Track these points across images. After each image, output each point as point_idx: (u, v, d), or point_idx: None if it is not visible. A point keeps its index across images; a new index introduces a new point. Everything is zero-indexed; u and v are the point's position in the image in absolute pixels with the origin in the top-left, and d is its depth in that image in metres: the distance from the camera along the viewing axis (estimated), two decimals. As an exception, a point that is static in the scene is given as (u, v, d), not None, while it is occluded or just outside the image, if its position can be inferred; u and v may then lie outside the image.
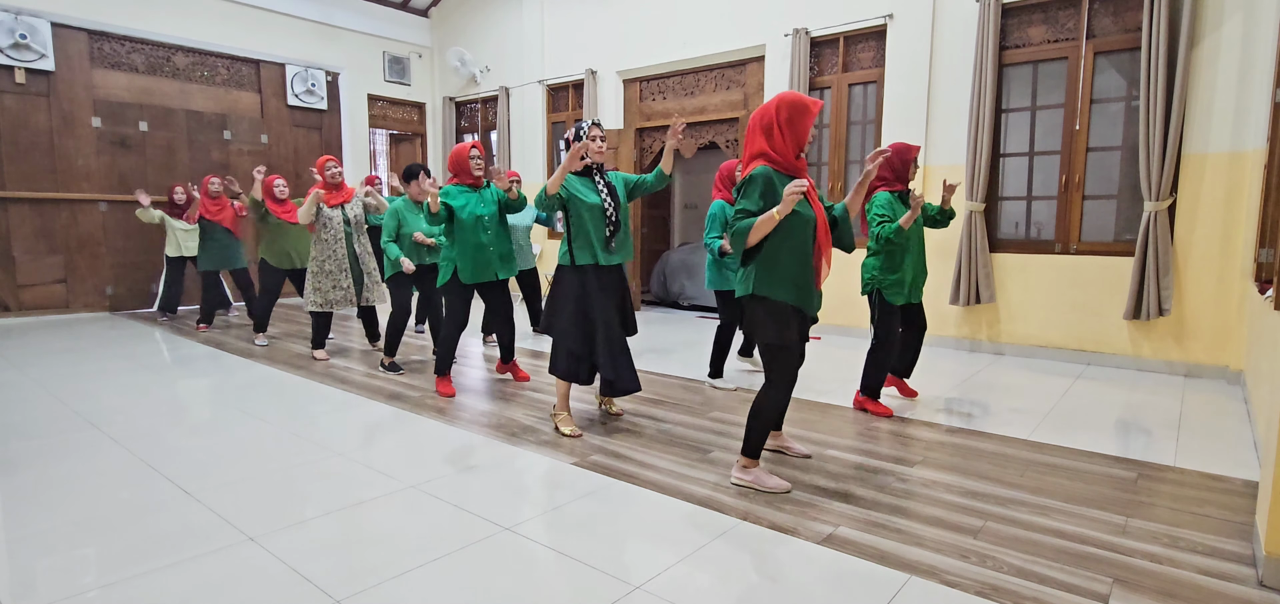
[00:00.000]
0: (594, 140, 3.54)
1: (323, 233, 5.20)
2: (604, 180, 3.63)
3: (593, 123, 3.59)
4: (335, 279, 5.24)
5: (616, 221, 3.56)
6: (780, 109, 2.70)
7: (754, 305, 2.77)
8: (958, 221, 5.72)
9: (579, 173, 3.59)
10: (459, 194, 4.19)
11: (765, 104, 2.77)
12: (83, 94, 7.53)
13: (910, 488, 2.90)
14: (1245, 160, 4.69)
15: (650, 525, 2.57)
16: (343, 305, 5.29)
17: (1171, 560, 2.29)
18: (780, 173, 2.72)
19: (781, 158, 2.72)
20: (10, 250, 7.21)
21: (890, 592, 2.10)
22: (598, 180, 3.60)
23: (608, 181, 3.64)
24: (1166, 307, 4.94)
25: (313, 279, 5.24)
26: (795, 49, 6.53)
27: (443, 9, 10.14)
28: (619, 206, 3.60)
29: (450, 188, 4.22)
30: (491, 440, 3.52)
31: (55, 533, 2.48)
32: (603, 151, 3.59)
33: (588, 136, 3.52)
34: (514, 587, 2.14)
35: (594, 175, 3.60)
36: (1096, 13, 5.27)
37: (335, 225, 5.21)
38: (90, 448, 3.38)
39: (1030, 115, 5.66)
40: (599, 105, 8.38)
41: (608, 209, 3.54)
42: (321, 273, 5.22)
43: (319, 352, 5.50)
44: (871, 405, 4.00)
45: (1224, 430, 3.74)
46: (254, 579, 2.17)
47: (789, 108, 2.70)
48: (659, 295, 8.98)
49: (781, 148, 2.71)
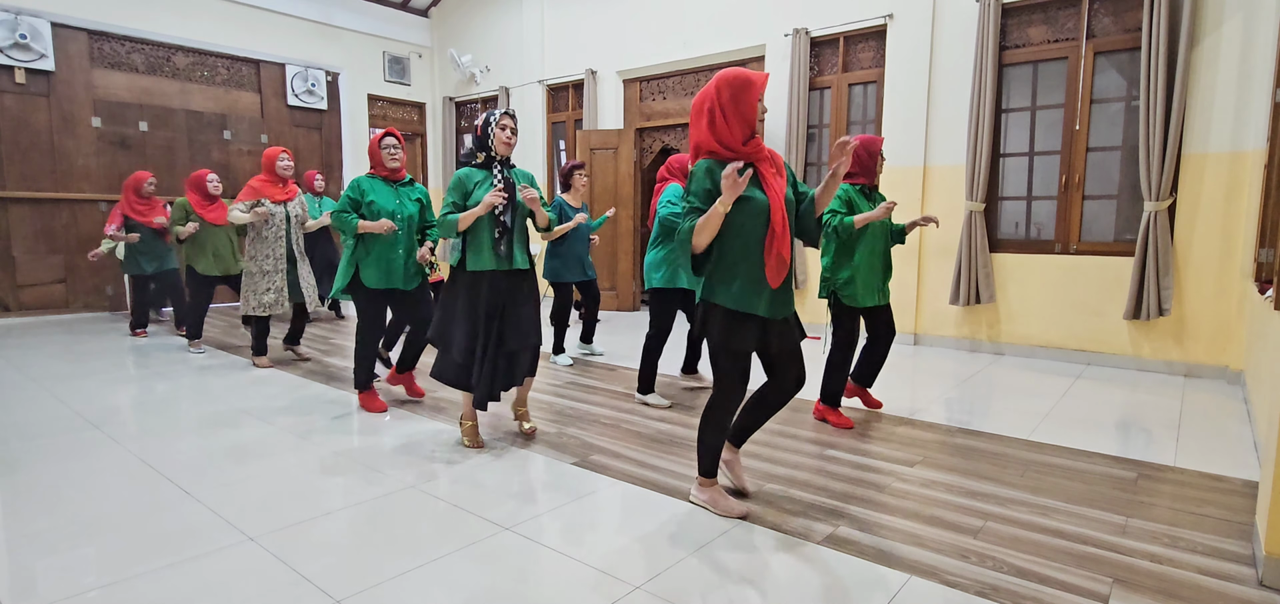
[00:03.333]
0: (504, 131, 3.22)
1: (263, 231, 4.87)
2: (504, 176, 3.24)
3: (506, 112, 3.26)
4: (271, 279, 4.90)
5: (505, 225, 3.21)
6: (721, 90, 2.38)
7: (704, 310, 2.51)
8: (958, 221, 5.72)
9: (480, 165, 3.27)
10: (373, 188, 3.83)
11: (704, 87, 2.47)
12: (83, 94, 7.53)
13: (910, 488, 2.90)
14: (1245, 160, 4.69)
15: (650, 525, 2.57)
16: (278, 308, 4.95)
17: (1171, 560, 2.29)
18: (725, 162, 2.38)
19: (727, 146, 2.40)
20: (10, 250, 7.20)
21: (890, 592, 2.10)
22: (498, 176, 3.23)
23: (506, 178, 3.24)
24: (1166, 307, 4.94)
25: (249, 281, 4.92)
26: (795, 49, 6.53)
27: (443, 9, 10.14)
28: (513, 208, 3.23)
29: (362, 180, 3.85)
30: (491, 440, 3.52)
31: (55, 533, 2.48)
32: (510, 144, 3.25)
33: (496, 126, 3.20)
34: (514, 587, 2.14)
35: (495, 170, 3.25)
36: (1096, 13, 5.27)
37: (277, 223, 4.88)
38: (90, 448, 3.38)
39: (1030, 115, 5.66)
40: (599, 105, 8.38)
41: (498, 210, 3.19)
42: (259, 274, 4.90)
43: (261, 359, 5.21)
44: (831, 415, 3.74)
45: (1224, 430, 3.74)
46: (254, 579, 2.17)
47: (729, 86, 2.38)
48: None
49: (726, 134, 2.39)
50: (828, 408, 3.77)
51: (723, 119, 2.39)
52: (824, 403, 3.78)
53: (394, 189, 3.91)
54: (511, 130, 3.24)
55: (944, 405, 4.20)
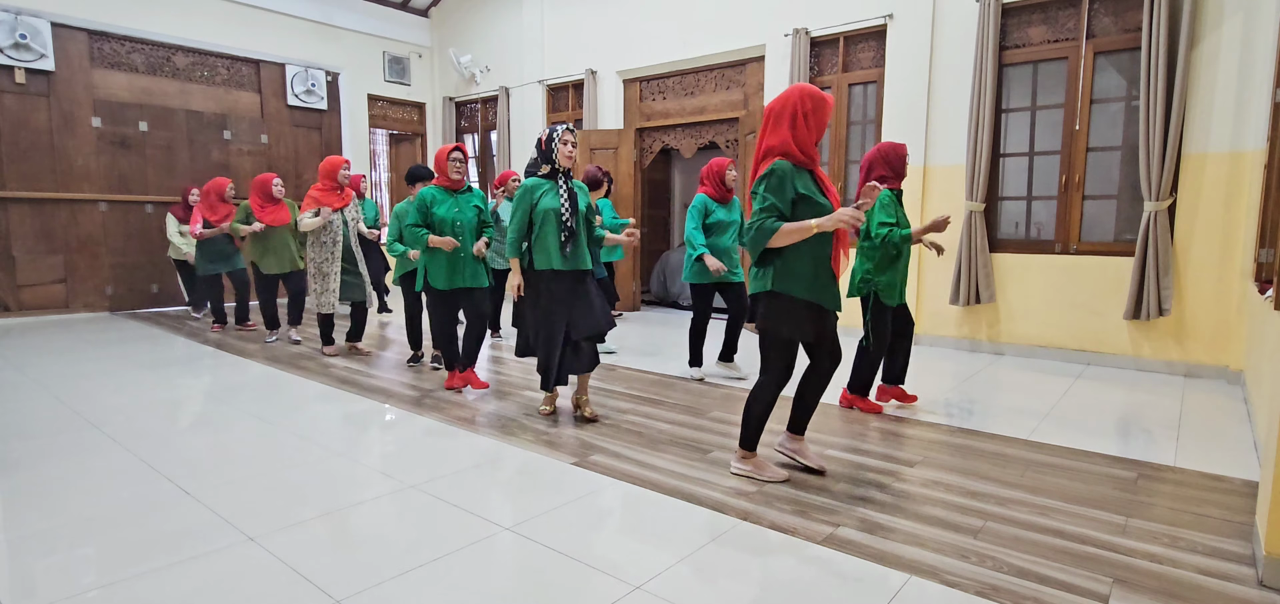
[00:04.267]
0: (566, 146, 3.59)
1: (323, 236, 5.27)
2: (567, 186, 3.62)
3: (568, 128, 3.62)
4: (333, 281, 5.33)
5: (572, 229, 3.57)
6: (804, 99, 2.67)
7: (772, 301, 2.76)
8: (958, 221, 5.72)
9: (546, 175, 3.63)
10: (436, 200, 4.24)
11: (781, 96, 2.72)
12: (83, 94, 7.53)
13: (910, 488, 2.90)
14: (1245, 160, 4.69)
15: (650, 525, 2.57)
16: (338, 305, 5.40)
17: (1171, 560, 2.29)
18: (799, 166, 2.70)
19: (803, 150, 2.69)
20: (10, 250, 7.21)
21: (890, 592, 2.10)
22: (562, 185, 3.61)
23: (571, 188, 3.63)
24: (1166, 307, 4.94)
25: (313, 283, 5.37)
26: (795, 49, 6.53)
27: (443, 9, 10.14)
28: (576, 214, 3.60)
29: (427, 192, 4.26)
30: (491, 440, 3.52)
31: (55, 533, 2.48)
32: (572, 157, 3.63)
33: (560, 141, 3.58)
34: (514, 587, 2.14)
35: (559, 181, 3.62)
36: (1096, 13, 5.27)
37: (335, 228, 5.29)
38: (90, 448, 3.38)
39: (1030, 115, 5.66)
40: (599, 105, 8.38)
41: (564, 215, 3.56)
42: (319, 275, 5.34)
43: (329, 348, 5.60)
44: (861, 402, 4.00)
45: (1224, 430, 3.74)
46: (254, 579, 2.17)
47: (811, 99, 2.69)
48: (659, 295, 8.98)
49: (804, 138, 2.68)
50: (856, 396, 4.01)
51: (804, 124, 2.68)
52: (853, 392, 4.02)
53: (454, 198, 4.32)
54: (573, 144, 3.62)
55: (944, 405, 4.20)
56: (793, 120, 2.67)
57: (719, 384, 4.68)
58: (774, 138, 2.70)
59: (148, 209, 8.04)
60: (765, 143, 2.73)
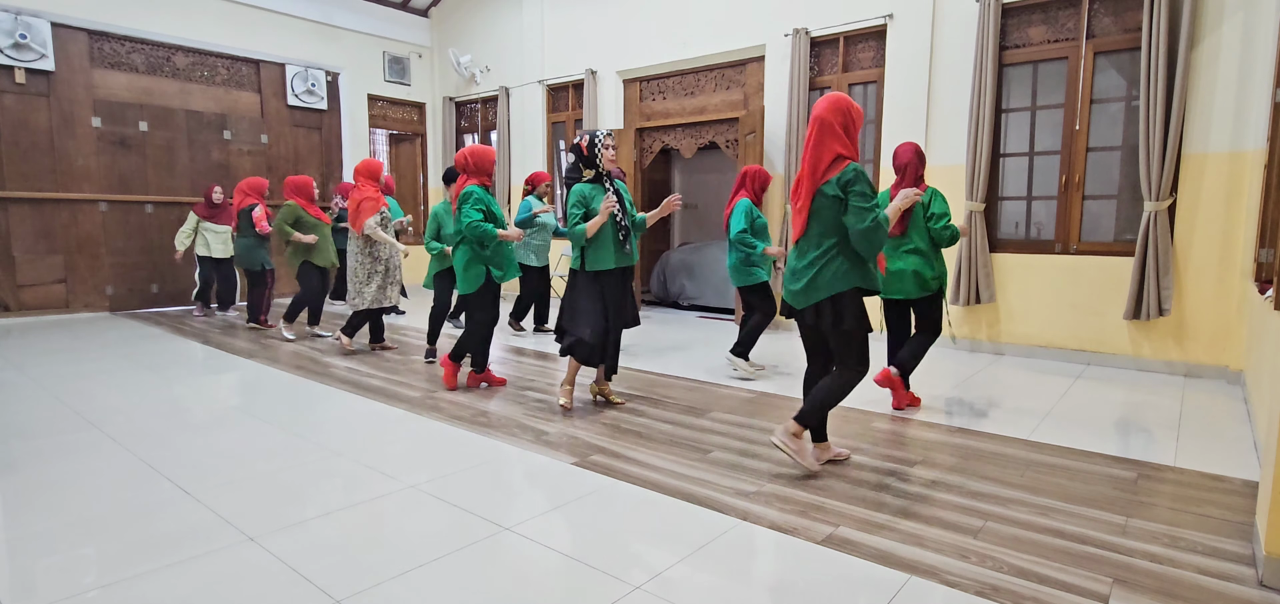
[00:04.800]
0: (608, 151, 3.86)
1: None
2: (613, 187, 3.89)
3: (608, 133, 3.87)
4: (373, 281, 5.49)
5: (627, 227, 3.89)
6: (851, 112, 2.87)
7: (854, 299, 2.90)
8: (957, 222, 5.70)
9: (592, 180, 3.89)
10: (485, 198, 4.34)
11: (828, 105, 2.86)
12: (83, 94, 7.53)
13: (910, 488, 2.90)
14: (1245, 160, 4.69)
15: (650, 525, 2.58)
16: (381, 302, 5.52)
17: (1171, 560, 2.29)
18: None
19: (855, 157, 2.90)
20: (10, 250, 7.21)
21: (890, 592, 2.10)
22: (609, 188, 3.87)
23: (617, 189, 3.90)
24: (1166, 307, 4.94)
25: (355, 284, 5.48)
26: (795, 49, 6.53)
27: (443, 9, 10.14)
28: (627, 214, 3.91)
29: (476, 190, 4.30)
30: (492, 440, 3.52)
31: (55, 533, 2.48)
32: (614, 161, 3.90)
33: (603, 146, 3.84)
34: (514, 587, 2.14)
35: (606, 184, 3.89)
36: (1096, 13, 5.27)
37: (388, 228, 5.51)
38: (90, 448, 3.38)
39: (1030, 115, 5.66)
40: (599, 105, 8.38)
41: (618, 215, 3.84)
42: (366, 276, 5.48)
43: (346, 337, 5.68)
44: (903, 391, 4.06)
45: (1224, 430, 3.74)
46: (254, 579, 2.17)
47: (849, 108, 2.89)
48: (659, 295, 8.97)
49: (852, 149, 2.88)
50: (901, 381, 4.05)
51: (853, 128, 2.89)
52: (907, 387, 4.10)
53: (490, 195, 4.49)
54: (614, 148, 3.91)
55: (944, 405, 4.20)
56: (845, 128, 2.86)
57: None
58: (841, 146, 2.85)
59: (148, 209, 8.04)
60: (835, 148, 2.85)
